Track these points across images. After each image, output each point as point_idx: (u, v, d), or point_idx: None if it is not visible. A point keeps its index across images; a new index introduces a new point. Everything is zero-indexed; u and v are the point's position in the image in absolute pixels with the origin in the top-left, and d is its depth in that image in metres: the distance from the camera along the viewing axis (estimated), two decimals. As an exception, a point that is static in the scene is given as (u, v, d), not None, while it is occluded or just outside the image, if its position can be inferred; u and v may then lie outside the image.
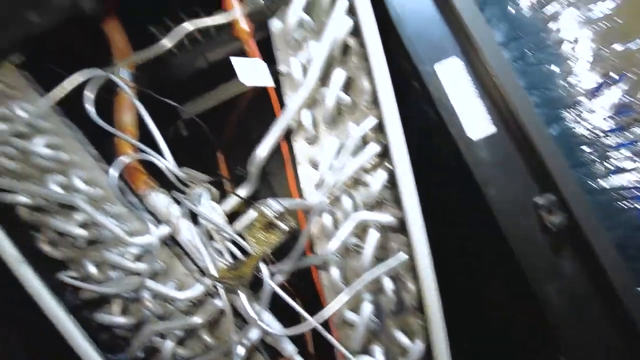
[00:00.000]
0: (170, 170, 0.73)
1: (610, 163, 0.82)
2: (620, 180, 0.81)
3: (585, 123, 0.83)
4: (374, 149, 0.69)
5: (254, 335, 0.70)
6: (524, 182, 0.67)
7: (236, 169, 0.86)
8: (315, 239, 0.73)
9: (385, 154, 0.70)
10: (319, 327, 0.63)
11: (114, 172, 0.71)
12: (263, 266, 0.66)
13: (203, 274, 0.76)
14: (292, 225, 0.65)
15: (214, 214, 0.73)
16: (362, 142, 0.71)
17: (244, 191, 0.78)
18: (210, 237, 0.74)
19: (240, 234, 0.70)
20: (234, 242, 0.72)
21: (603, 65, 0.85)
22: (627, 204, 0.79)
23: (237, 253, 0.72)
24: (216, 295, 0.74)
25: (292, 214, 0.68)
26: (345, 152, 0.69)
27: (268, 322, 0.69)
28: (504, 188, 0.66)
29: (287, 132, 0.75)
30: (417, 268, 0.63)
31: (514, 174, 0.67)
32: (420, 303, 0.65)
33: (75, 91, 0.74)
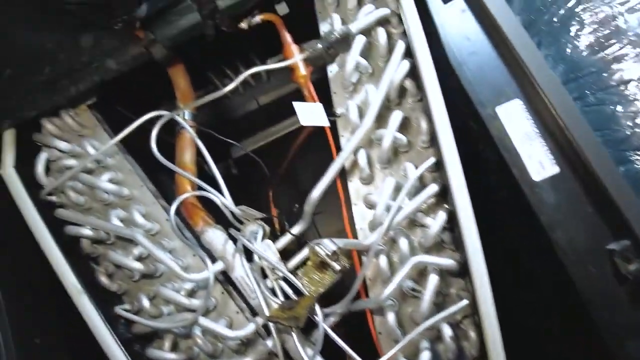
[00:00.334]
0: (227, 207, 0.74)
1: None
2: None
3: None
4: (433, 189, 0.67)
5: (306, 379, 0.67)
6: (594, 225, 0.63)
7: (293, 207, 0.86)
8: (370, 281, 0.71)
9: (443, 194, 0.69)
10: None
11: (173, 208, 0.72)
12: (317, 308, 0.65)
13: (253, 312, 0.76)
14: (345, 265, 0.64)
15: (268, 252, 0.73)
16: (420, 182, 0.70)
17: (297, 229, 0.78)
18: (264, 275, 0.74)
19: (294, 272, 0.70)
20: (286, 281, 0.71)
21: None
22: None
23: (290, 292, 0.71)
24: (266, 336, 0.73)
25: (347, 255, 0.66)
26: (403, 193, 0.68)
27: (320, 366, 0.67)
28: (572, 232, 0.62)
29: (341, 172, 0.76)
30: (480, 316, 0.60)
31: (583, 217, 0.63)
32: (480, 352, 0.61)
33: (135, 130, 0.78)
